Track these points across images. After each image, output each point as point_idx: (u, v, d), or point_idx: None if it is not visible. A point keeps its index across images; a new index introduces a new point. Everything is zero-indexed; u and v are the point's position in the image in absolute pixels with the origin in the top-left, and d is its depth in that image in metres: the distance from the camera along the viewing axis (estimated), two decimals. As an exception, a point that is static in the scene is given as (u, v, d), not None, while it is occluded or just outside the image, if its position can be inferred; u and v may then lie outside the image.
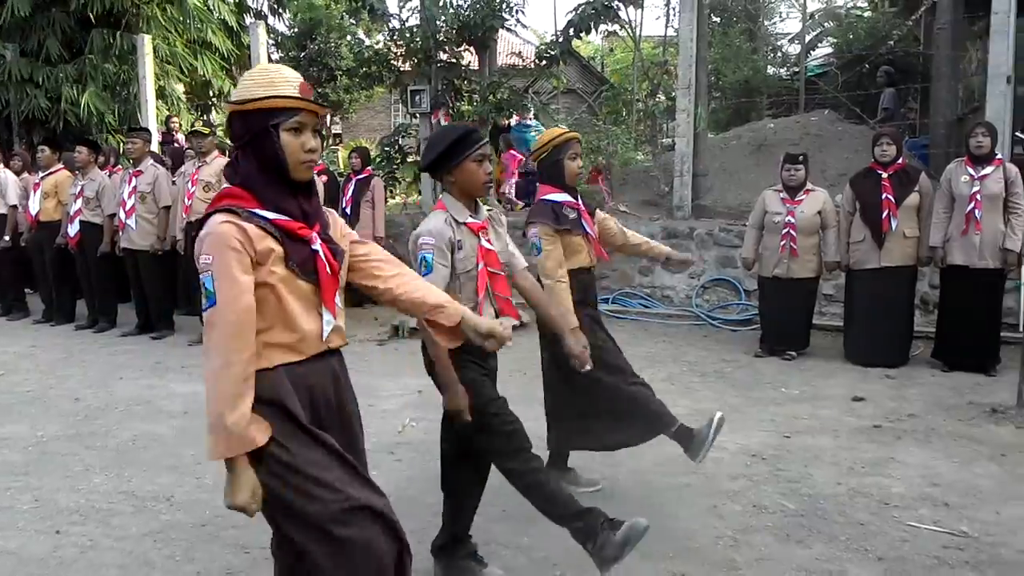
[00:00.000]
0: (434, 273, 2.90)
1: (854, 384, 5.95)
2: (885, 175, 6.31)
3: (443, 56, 9.89)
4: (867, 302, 6.43)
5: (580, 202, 3.94)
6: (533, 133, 11.56)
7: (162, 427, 5.22)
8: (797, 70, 15.18)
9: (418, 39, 9.85)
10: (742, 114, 14.92)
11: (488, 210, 3.19)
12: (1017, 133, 13.67)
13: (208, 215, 2.13)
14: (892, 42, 11.90)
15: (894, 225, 6.23)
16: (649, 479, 4.26)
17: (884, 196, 6.26)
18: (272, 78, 2.14)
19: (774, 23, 19.59)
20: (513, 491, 3.12)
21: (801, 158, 6.79)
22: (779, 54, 18.73)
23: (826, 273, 6.83)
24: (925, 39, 12.24)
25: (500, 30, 10.35)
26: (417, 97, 9.75)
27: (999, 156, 6.18)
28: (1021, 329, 6.68)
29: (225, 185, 2.22)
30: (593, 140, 11.27)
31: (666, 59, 13.45)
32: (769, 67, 17.56)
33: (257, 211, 2.11)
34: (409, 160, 10.98)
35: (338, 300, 2.23)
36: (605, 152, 10.82)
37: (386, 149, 10.68)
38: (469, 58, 10.59)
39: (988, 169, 6.02)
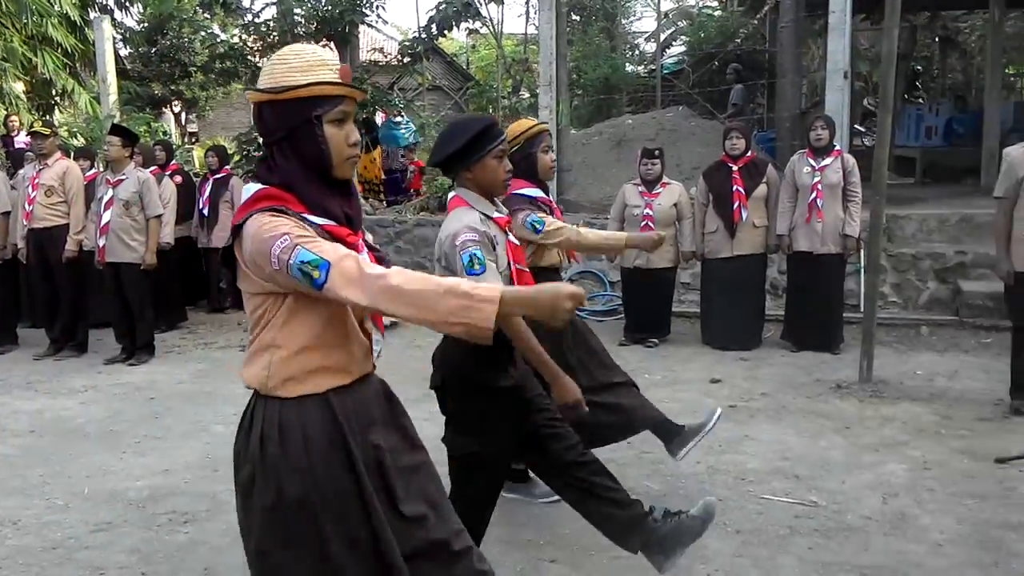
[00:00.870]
0: (488, 271, 2.59)
1: (711, 367, 6.21)
2: (735, 168, 6.62)
3: (302, 52, 9.69)
4: (721, 289, 6.73)
5: (551, 198, 3.83)
6: (402, 130, 11.49)
7: (5, 447, 4.89)
8: (654, 68, 15.71)
9: (275, 33, 9.61)
10: (603, 110, 15.30)
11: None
12: (856, 126, 14.63)
13: (249, 215, 1.84)
14: (739, 40, 12.51)
15: (744, 215, 6.55)
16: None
17: (735, 188, 6.57)
18: (309, 61, 1.88)
19: (631, 22, 20.22)
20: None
21: (657, 153, 7.03)
22: (636, 52, 19.33)
23: (683, 263, 7.10)
24: (770, 37, 12.91)
25: (361, 26, 10.22)
26: (276, 94, 9.50)
27: (837, 147, 6.59)
28: (861, 309, 7.15)
29: (258, 187, 1.91)
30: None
31: (527, 57, 13.64)
32: (627, 65, 18.08)
33: (305, 215, 1.86)
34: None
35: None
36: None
37: (245, 147, 10.34)
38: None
39: (828, 160, 6.40)
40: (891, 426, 4.79)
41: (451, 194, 2.93)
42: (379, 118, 11.78)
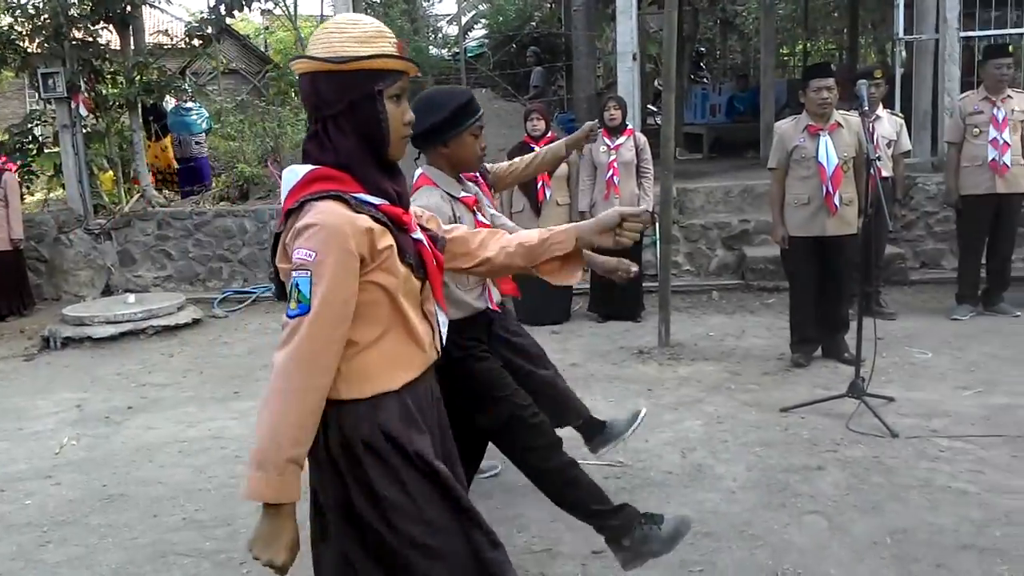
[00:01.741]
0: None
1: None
2: (537, 149, 6.78)
3: (77, 34, 8.94)
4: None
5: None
6: (194, 116, 10.91)
7: None
8: (457, 51, 15.78)
9: (45, 16, 8.81)
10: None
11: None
12: (649, 105, 15.36)
13: (304, 200, 1.70)
14: (536, 23, 12.82)
15: (548, 195, 6.74)
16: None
17: (537, 167, 6.73)
18: (369, 32, 1.76)
19: (431, 4, 20.17)
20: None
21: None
22: (439, 35, 19.34)
23: (493, 242, 7.22)
24: (566, 21, 13.31)
25: (144, 6, 9.57)
26: (50, 81, 8.71)
27: (630, 127, 6.91)
28: (659, 279, 7.57)
29: (311, 167, 1.76)
30: (259, 123, 10.89)
31: (327, 39, 13.28)
32: (431, 48, 18.07)
33: (363, 196, 1.74)
34: (47, 151, 9.83)
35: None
36: (274, 135, 10.50)
37: (17, 139, 9.46)
38: (110, 36, 9.69)
39: (621, 139, 6.70)
40: (688, 385, 5.12)
41: (417, 172, 2.80)
42: (172, 103, 11.13)
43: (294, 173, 1.79)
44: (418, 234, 1.85)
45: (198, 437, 4.70)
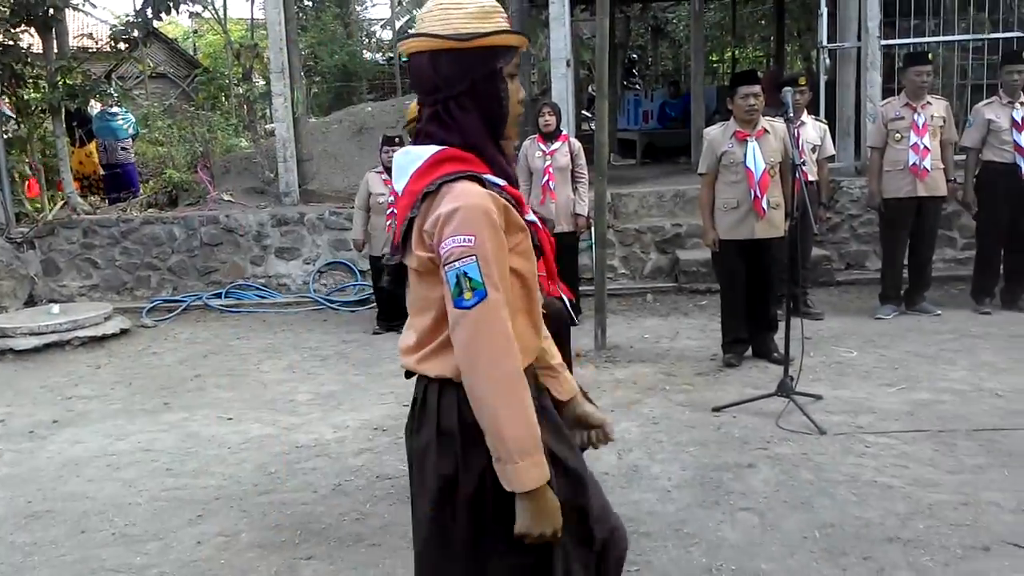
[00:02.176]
0: None
1: (463, 348, 6.37)
2: (549, 146, 6.78)
3: (-4, 37, 8.66)
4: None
5: None
6: (120, 121, 10.63)
7: None
8: (392, 55, 15.73)
9: (-40, 17, 8.50)
10: (343, 98, 15.12)
11: None
12: (583, 111, 15.50)
13: (442, 181, 1.65)
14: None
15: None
16: (274, 469, 4.19)
17: (473, 172, 6.75)
18: (486, 8, 1.70)
19: (365, 8, 20.07)
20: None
21: (398, 140, 7.06)
22: (374, 39, 19.25)
23: (430, 248, 7.21)
24: (500, 27, 13.34)
25: (67, 9, 9.30)
26: (-33, 84, 8.43)
27: (564, 132, 6.97)
28: (595, 283, 7.65)
29: (436, 148, 1.70)
30: (188, 128, 10.68)
31: (256, 42, 13.13)
32: (365, 52, 17.97)
33: (490, 177, 1.69)
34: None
35: None
36: (203, 139, 10.31)
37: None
38: (32, 40, 9.40)
39: (556, 145, 6.75)
40: (624, 387, 5.19)
41: None
42: (96, 109, 10.84)
43: (415, 155, 1.74)
44: (531, 216, 1.82)
45: (127, 450, 4.58)
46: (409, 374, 1.86)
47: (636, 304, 7.47)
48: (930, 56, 6.51)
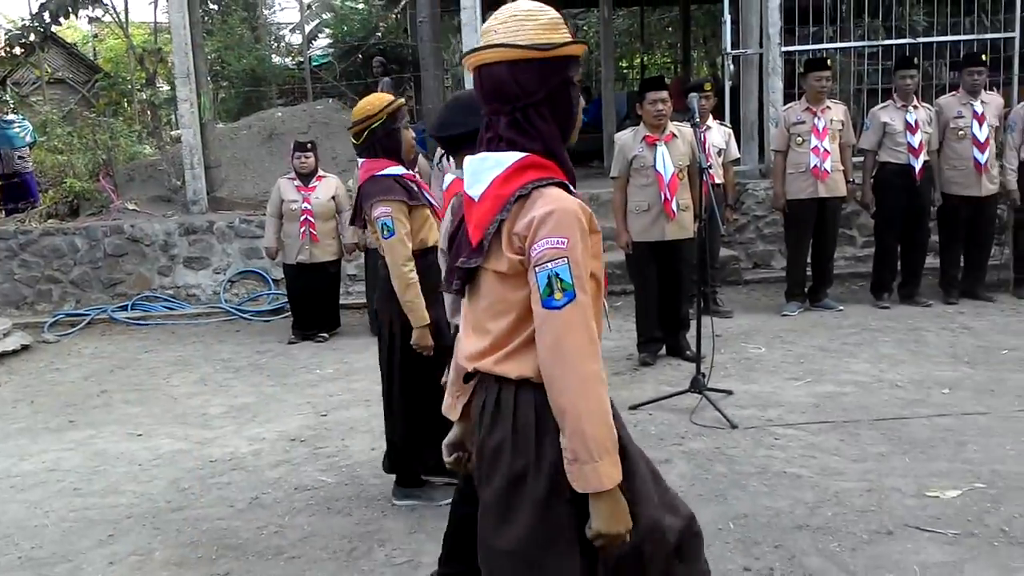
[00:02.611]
0: None
1: (381, 355, 6.32)
2: (359, 161, 6.76)
3: None
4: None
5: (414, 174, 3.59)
6: (16, 129, 10.19)
7: None
8: (302, 60, 15.48)
9: None
10: (252, 103, 14.78)
11: None
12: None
13: (535, 186, 1.71)
14: (381, 34, 12.76)
15: (399, 204, 6.73)
16: (187, 484, 4.08)
17: (387, 178, 6.72)
18: (554, 19, 1.76)
19: (273, 12, 19.69)
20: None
21: (310, 145, 6.97)
22: (283, 44, 18.90)
23: (347, 255, 7.14)
24: (411, 31, 13.32)
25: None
26: None
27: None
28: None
29: (519, 155, 1.74)
30: (90, 135, 10.29)
31: (160, 47, 12.76)
32: (274, 56, 17.63)
33: (567, 184, 1.76)
34: None
35: None
36: (106, 147, 9.95)
37: None
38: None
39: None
40: (544, 390, 5.23)
41: (450, 177, 2.79)
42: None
43: (494, 160, 1.77)
44: None
45: (32, 471, 4.39)
46: (468, 377, 1.90)
47: (553, 307, 7.54)
48: (828, 62, 6.78)
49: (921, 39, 8.18)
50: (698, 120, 4.85)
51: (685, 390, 4.73)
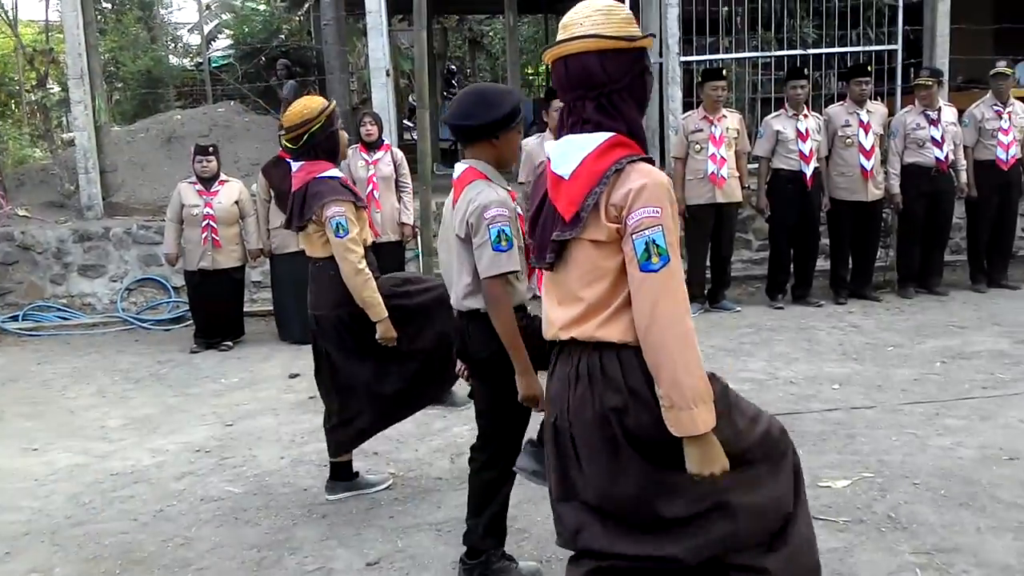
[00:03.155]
0: (514, 248, 2.62)
1: (290, 362, 6.24)
2: (295, 164, 6.68)
3: None
4: (293, 283, 6.73)
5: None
6: None
7: None
8: (201, 61, 15.08)
9: None
10: (150, 106, 14.33)
11: None
12: (405, 121, 15.53)
13: (628, 160, 1.92)
14: (284, 36, 12.56)
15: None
16: (88, 499, 3.95)
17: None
18: (630, 14, 2.00)
19: (170, 12, 19.11)
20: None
21: (211, 149, 6.83)
22: (180, 44, 18.38)
23: (251, 261, 7.01)
24: (316, 34, 13.15)
25: None
26: None
27: (387, 142, 7.00)
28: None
29: (607, 134, 1.96)
30: (-27, 137, 9.82)
31: (51, 47, 12.24)
32: (172, 57, 17.13)
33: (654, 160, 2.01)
34: None
35: None
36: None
37: None
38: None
39: (379, 154, 6.77)
40: (458, 389, 5.26)
41: (462, 166, 2.80)
42: None
43: (581, 142, 1.97)
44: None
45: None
46: (552, 346, 2.11)
47: (462, 311, 7.58)
48: (724, 72, 7.05)
49: (811, 50, 8.58)
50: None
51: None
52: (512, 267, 2.62)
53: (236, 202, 6.75)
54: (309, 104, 3.57)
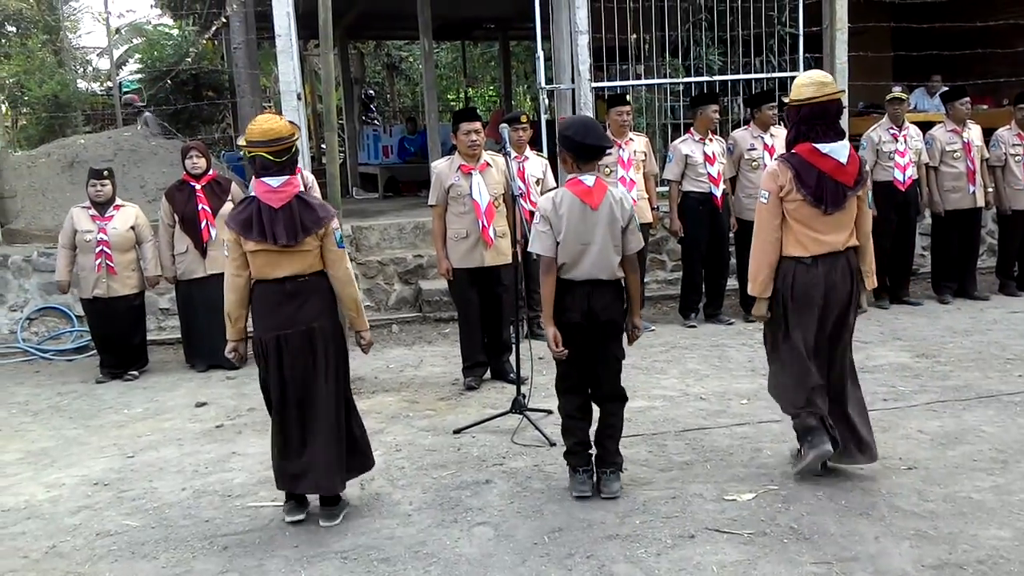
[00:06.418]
0: None
1: (197, 391, 6.06)
2: (199, 186, 6.55)
3: None
4: (202, 309, 6.54)
5: None
6: None
7: None
8: (111, 85, 14.68)
9: None
10: (57, 131, 13.86)
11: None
12: (322, 145, 15.37)
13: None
14: (191, 59, 12.37)
15: (214, 234, 6.49)
16: (-29, 541, 3.74)
17: (200, 207, 6.50)
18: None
19: (78, 36, 18.60)
20: None
21: (106, 173, 6.61)
22: (89, 69, 17.88)
23: (149, 287, 6.79)
24: (227, 57, 12.96)
25: None
26: None
27: (298, 165, 6.88)
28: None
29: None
30: None
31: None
32: (80, 82, 16.65)
33: None
34: None
35: None
36: None
37: None
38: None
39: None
40: (369, 418, 5.10)
41: (591, 178, 3.67)
42: None
43: (845, 144, 3.80)
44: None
45: None
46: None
47: (382, 335, 7.49)
48: (628, 97, 7.20)
49: (718, 77, 8.84)
50: (509, 150, 5.03)
51: (507, 411, 4.83)
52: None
53: (132, 227, 6.54)
54: (275, 120, 3.64)
